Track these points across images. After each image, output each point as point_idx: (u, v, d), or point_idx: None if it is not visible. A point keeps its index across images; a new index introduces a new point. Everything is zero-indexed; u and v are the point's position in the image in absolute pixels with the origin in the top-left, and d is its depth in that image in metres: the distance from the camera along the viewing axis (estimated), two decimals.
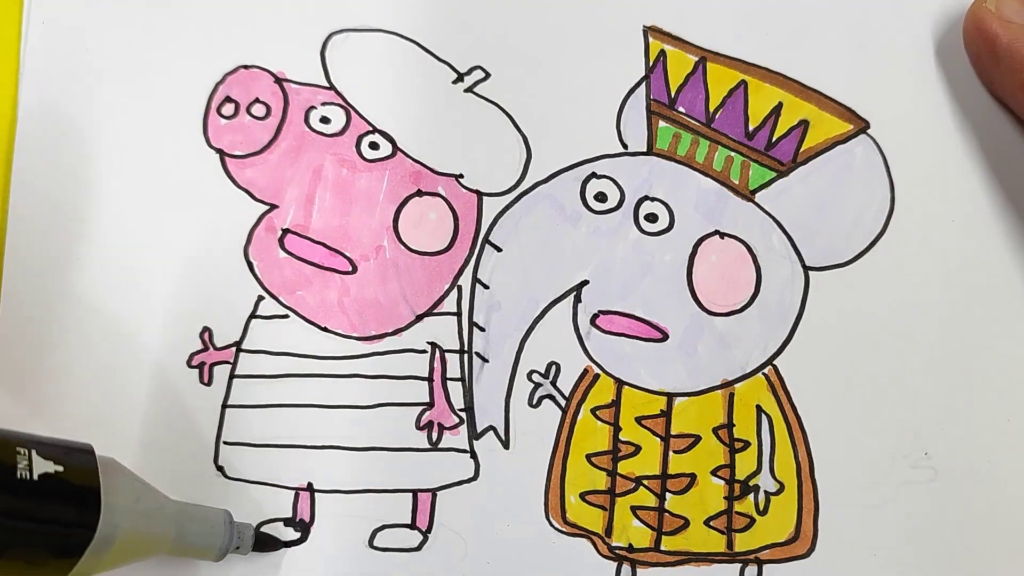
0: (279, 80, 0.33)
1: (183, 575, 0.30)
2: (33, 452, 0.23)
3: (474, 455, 0.31)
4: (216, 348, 0.31)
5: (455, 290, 0.32)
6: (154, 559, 0.28)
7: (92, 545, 0.24)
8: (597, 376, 0.32)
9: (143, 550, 0.26)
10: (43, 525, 0.23)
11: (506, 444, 0.31)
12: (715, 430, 0.32)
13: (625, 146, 0.33)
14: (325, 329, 0.31)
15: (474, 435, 0.31)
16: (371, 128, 0.33)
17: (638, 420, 0.32)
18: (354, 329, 0.32)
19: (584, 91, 0.33)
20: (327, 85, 0.33)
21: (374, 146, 0.33)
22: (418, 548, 0.30)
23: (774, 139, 0.33)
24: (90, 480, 0.24)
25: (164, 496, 0.27)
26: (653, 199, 0.33)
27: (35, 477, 0.23)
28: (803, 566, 0.31)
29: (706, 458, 0.32)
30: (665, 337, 0.32)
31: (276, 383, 0.31)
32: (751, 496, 0.31)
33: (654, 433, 0.32)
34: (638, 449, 0.31)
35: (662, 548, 0.31)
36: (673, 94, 0.33)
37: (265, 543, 0.29)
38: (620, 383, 0.32)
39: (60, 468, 0.24)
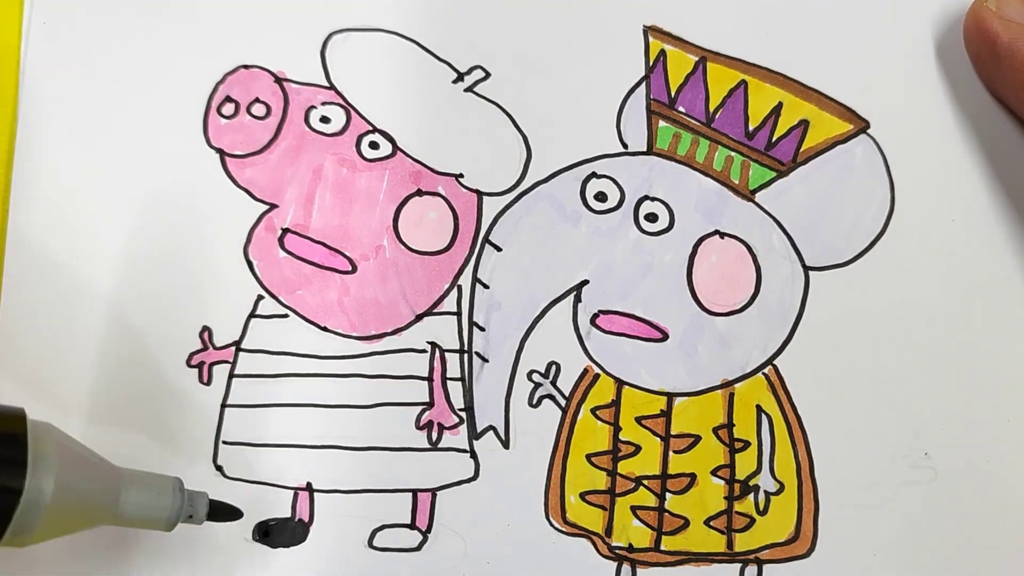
0: (279, 80, 0.33)
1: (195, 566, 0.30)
2: None
3: (474, 455, 0.31)
4: (216, 347, 0.31)
5: (455, 290, 0.32)
6: (150, 542, 0.28)
7: (18, 511, 0.23)
8: (597, 376, 0.32)
9: (82, 518, 0.25)
10: None
11: (506, 444, 0.31)
12: (715, 430, 0.32)
13: (625, 146, 0.33)
14: (325, 329, 0.31)
15: (474, 435, 0.31)
16: (371, 128, 0.33)
17: (638, 420, 0.32)
18: (354, 329, 0.31)
19: (584, 91, 0.33)
20: (327, 85, 0.33)
21: (374, 146, 0.32)
22: (418, 548, 0.30)
23: (774, 139, 0.33)
24: (17, 444, 0.23)
25: (106, 462, 0.26)
26: (653, 199, 0.33)
27: None
28: (803, 566, 0.31)
29: (706, 458, 0.31)
30: (665, 337, 0.32)
31: (276, 383, 0.31)
32: (751, 496, 0.31)
33: (654, 433, 0.32)
34: (638, 449, 0.31)
35: (662, 548, 0.31)
36: (673, 94, 0.33)
37: (219, 512, 0.28)
38: (620, 383, 0.32)
39: None
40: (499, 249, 0.32)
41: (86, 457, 0.25)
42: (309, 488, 0.30)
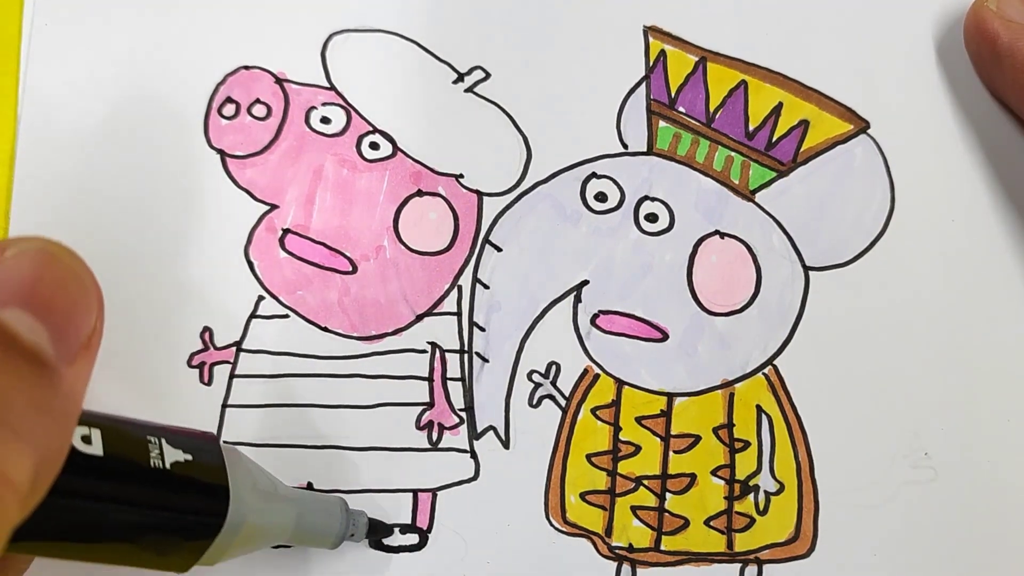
0: (280, 80, 0.33)
1: None
2: (163, 440, 0.23)
3: (474, 455, 0.31)
4: (216, 348, 0.31)
5: (455, 290, 0.32)
6: None
7: (221, 533, 0.24)
8: (597, 376, 0.32)
9: (265, 537, 0.26)
10: (176, 513, 0.23)
11: (506, 444, 0.31)
12: (715, 430, 0.32)
13: (625, 146, 0.33)
14: (325, 329, 0.31)
15: (474, 435, 0.31)
16: (371, 128, 0.33)
17: (638, 420, 0.32)
18: (354, 329, 0.31)
19: (584, 91, 0.33)
20: (328, 85, 0.33)
21: (374, 146, 0.32)
22: (418, 548, 0.30)
23: (774, 139, 0.33)
24: (218, 469, 0.24)
25: (283, 484, 0.27)
26: (653, 199, 0.33)
27: (167, 466, 0.23)
28: (803, 566, 0.31)
29: (706, 458, 0.31)
30: (665, 337, 0.32)
31: (276, 383, 0.31)
32: (751, 496, 0.31)
33: (654, 433, 0.32)
34: (638, 449, 0.31)
35: (662, 548, 0.31)
36: (673, 94, 0.33)
37: (377, 530, 0.29)
38: (620, 383, 0.32)
39: (189, 457, 0.23)
40: (499, 249, 0.32)
41: (268, 480, 0.26)
42: (310, 488, 0.30)
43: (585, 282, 0.32)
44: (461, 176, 0.33)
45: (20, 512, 0.18)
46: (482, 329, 0.32)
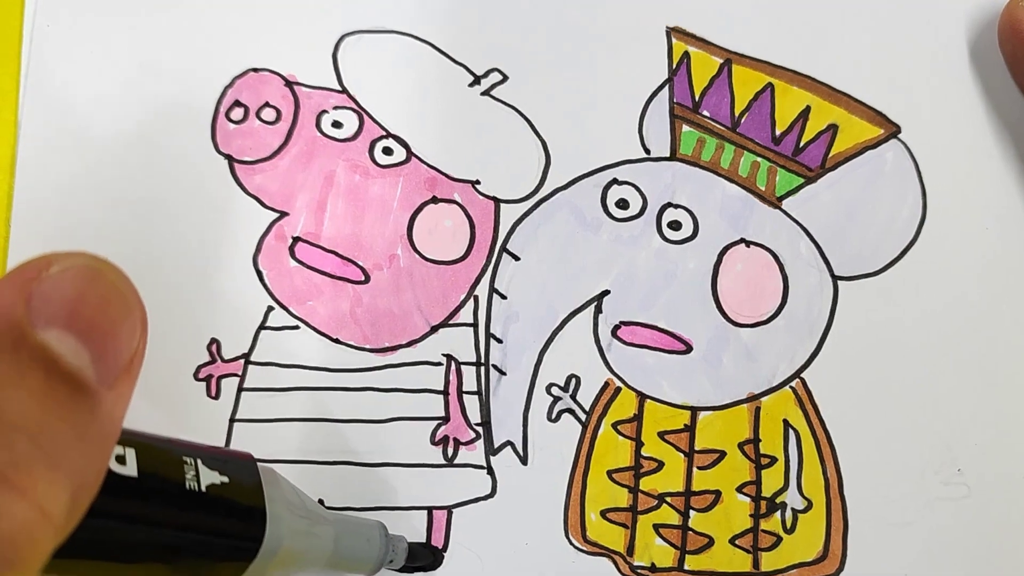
0: (290, 83, 0.33)
1: None
2: (199, 461, 0.23)
3: (491, 471, 0.31)
4: (224, 360, 0.31)
5: (471, 300, 0.32)
6: None
7: (257, 557, 0.23)
8: (619, 389, 0.31)
9: (302, 561, 0.25)
10: (212, 536, 0.23)
11: (524, 460, 0.31)
12: (741, 445, 0.31)
13: (647, 151, 0.33)
14: (337, 340, 0.31)
15: (491, 450, 0.31)
16: (385, 133, 0.32)
17: (661, 435, 0.31)
18: (367, 341, 0.31)
19: (605, 94, 0.33)
20: (339, 88, 0.33)
21: (388, 151, 0.32)
22: (433, 567, 0.30)
23: (802, 144, 0.33)
24: (255, 491, 0.24)
25: (321, 507, 0.27)
26: (676, 206, 0.33)
27: (203, 488, 0.22)
28: None
29: (731, 474, 0.31)
30: (689, 349, 0.32)
31: (286, 396, 0.31)
32: (778, 514, 0.31)
33: (677, 448, 0.31)
34: (661, 465, 0.31)
35: (686, 567, 0.31)
36: (697, 97, 0.33)
37: (416, 556, 0.29)
38: (642, 397, 0.31)
39: (226, 479, 0.23)
40: (517, 258, 0.32)
41: (307, 504, 0.26)
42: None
43: (606, 292, 0.32)
44: (477, 182, 0.32)
45: (55, 541, 0.17)
46: (499, 341, 0.31)
